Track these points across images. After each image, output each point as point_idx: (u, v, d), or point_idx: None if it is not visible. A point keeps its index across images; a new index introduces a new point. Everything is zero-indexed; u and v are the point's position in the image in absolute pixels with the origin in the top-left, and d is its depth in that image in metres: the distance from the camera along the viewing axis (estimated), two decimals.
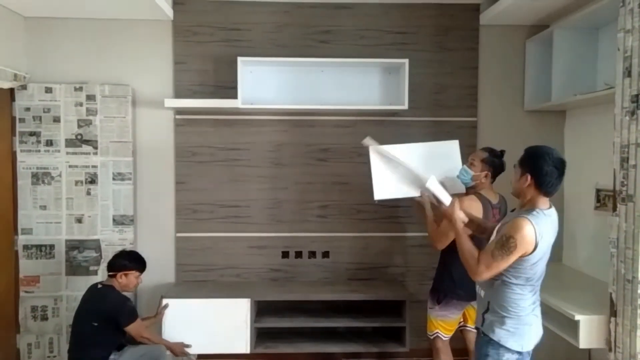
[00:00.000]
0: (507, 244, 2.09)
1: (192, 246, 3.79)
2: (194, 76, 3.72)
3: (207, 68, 3.72)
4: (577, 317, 2.61)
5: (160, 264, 3.75)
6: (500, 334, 2.21)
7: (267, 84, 3.68)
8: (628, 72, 2.39)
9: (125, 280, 3.12)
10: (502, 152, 2.97)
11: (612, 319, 2.51)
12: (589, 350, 3.42)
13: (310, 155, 3.77)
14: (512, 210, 2.44)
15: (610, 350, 2.53)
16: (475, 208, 2.71)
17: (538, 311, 2.28)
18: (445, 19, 3.75)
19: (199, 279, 3.79)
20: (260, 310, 3.59)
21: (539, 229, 2.10)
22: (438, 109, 3.77)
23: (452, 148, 3.19)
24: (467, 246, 2.26)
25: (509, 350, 2.20)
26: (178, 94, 3.71)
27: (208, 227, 3.78)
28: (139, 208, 3.77)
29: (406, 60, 3.47)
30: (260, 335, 3.58)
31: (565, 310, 2.70)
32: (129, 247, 3.60)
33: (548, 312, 3.00)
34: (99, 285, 3.12)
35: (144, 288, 3.73)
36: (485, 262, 2.16)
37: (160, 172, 3.77)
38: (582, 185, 3.56)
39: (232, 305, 3.41)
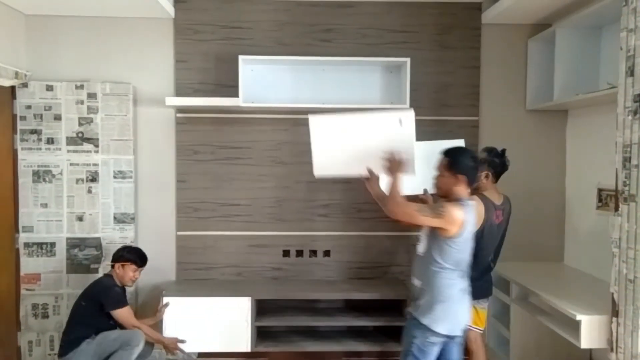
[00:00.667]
0: (436, 209, 2.42)
1: (193, 245, 3.78)
2: (195, 74, 3.72)
3: (208, 66, 3.71)
4: (579, 317, 2.61)
5: (161, 263, 3.75)
6: (430, 319, 2.45)
7: (268, 82, 3.67)
8: (631, 72, 2.38)
9: (122, 272, 3.25)
10: (503, 151, 2.96)
11: (614, 319, 2.50)
12: (590, 351, 3.41)
13: (311, 154, 3.75)
14: None
15: (612, 350, 2.52)
16: (477, 210, 2.70)
17: (466, 299, 2.55)
18: (447, 17, 3.74)
19: (199, 278, 3.79)
20: (261, 308, 3.59)
21: (467, 217, 2.42)
22: (440, 108, 3.76)
23: None
24: (399, 187, 2.52)
25: (435, 333, 2.44)
26: (179, 93, 3.71)
27: (209, 226, 3.78)
28: (140, 206, 3.76)
29: (408, 59, 3.46)
30: (261, 333, 3.58)
31: (566, 310, 2.69)
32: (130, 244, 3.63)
33: (549, 312, 3.00)
34: (103, 274, 3.37)
35: (144, 286, 3.75)
36: (408, 204, 2.47)
37: (161, 171, 3.77)
38: (583, 185, 3.55)
39: (233, 303, 3.41)
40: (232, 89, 3.55)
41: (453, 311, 2.47)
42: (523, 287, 3.23)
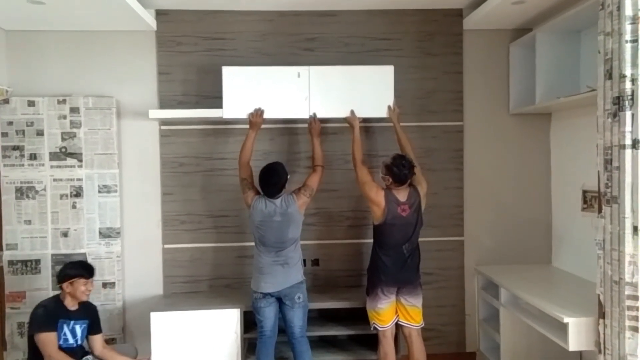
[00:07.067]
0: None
1: (180, 257, 3.75)
2: (179, 86, 3.70)
3: (191, 78, 3.70)
4: (566, 319, 2.62)
5: (148, 276, 3.73)
6: (252, 281, 3.21)
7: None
8: (609, 75, 2.40)
9: (72, 289, 2.94)
10: (409, 166, 3.07)
11: (601, 320, 2.51)
12: (580, 353, 3.42)
13: (298, 163, 3.75)
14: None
15: (600, 352, 2.52)
16: (378, 200, 3.07)
17: (279, 269, 3.12)
18: (429, 24, 3.77)
19: (187, 291, 3.75)
20: (251, 320, 3.55)
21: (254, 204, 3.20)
22: (424, 114, 3.78)
23: (385, 74, 3.37)
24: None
25: (253, 291, 3.17)
26: (163, 105, 3.69)
27: (196, 238, 3.75)
28: (126, 220, 3.73)
29: (391, 67, 3.46)
30: (250, 346, 3.54)
31: (554, 313, 2.70)
32: (116, 259, 3.64)
33: (538, 315, 3.00)
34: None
35: (132, 302, 3.71)
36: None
37: (147, 184, 3.74)
38: (568, 187, 3.58)
39: (222, 316, 3.39)
40: (215, 100, 3.54)
41: (259, 274, 3.15)
42: (511, 291, 3.24)
